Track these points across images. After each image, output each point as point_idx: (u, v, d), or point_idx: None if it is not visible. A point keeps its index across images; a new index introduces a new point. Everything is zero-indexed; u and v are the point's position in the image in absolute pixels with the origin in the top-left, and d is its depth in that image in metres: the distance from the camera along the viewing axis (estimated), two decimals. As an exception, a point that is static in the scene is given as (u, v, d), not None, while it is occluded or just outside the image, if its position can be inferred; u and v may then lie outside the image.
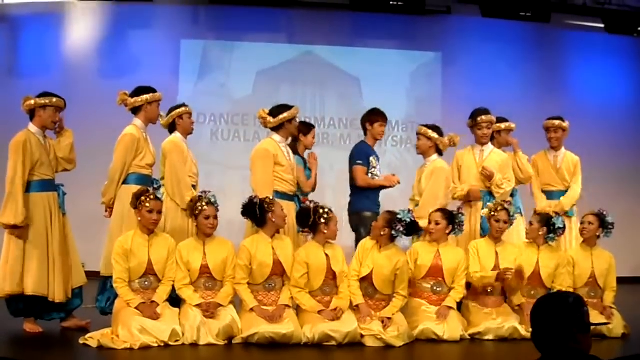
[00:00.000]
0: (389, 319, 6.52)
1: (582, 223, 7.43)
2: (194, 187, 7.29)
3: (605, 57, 12.83)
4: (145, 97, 7.04)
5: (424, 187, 7.55)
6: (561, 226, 7.22)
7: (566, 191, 8.26)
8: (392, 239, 6.82)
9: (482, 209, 7.50)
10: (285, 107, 7.33)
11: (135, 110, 7.08)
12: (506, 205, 7.16)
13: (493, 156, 7.81)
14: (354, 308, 6.65)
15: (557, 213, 7.50)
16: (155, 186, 6.96)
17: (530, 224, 7.30)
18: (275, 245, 6.71)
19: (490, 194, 7.65)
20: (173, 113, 7.40)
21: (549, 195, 8.32)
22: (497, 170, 7.67)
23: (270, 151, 7.13)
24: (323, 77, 12.33)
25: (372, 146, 8.00)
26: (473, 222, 7.60)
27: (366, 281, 6.76)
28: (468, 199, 7.72)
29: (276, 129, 7.30)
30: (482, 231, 7.51)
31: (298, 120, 7.54)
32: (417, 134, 7.81)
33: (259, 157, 7.17)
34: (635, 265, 11.69)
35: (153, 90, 7.11)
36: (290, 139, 7.61)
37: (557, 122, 8.33)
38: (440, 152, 7.68)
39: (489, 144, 7.90)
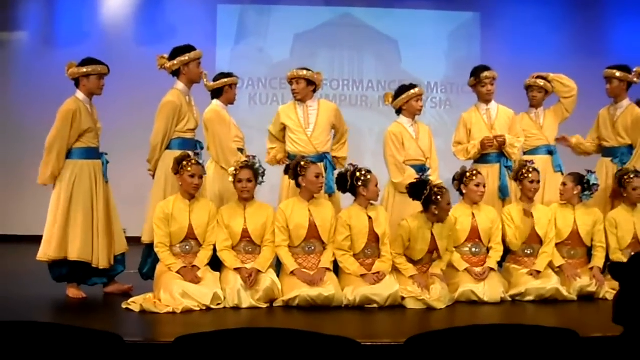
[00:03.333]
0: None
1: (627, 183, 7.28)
2: (241, 150, 7.38)
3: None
4: (182, 58, 6.93)
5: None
6: (595, 182, 7.12)
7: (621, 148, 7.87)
8: None
9: (499, 172, 7.47)
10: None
11: (176, 73, 7.00)
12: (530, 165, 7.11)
13: (501, 115, 7.70)
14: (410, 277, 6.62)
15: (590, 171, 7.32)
16: (198, 150, 6.93)
17: (564, 184, 7.19)
18: (312, 208, 6.71)
19: (503, 154, 7.55)
20: (222, 81, 7.50)
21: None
22: (507, 129, 7.60)
23: None
24: (361, 39, 12.23)
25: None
26: (491, 183, 7.47)
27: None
28: (483, 153, 7.60)
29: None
30: (501, 194, 7.47)
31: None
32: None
33: None
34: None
35: (190, 49, 6.99)
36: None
37: (610, 71, 7.91)
38: None
39: (493, 101, 7.77)
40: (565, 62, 11.22)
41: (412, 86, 7.46)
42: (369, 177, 6.74)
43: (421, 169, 7.26)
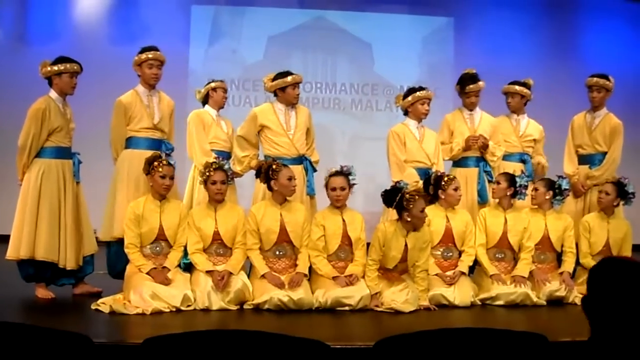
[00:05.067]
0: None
1: (599, 192, 7.36)
2: (226, 153, 7.41)
3: (621, 24, 12.66)
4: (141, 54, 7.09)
5: None
6: (567, 187, 7.17)
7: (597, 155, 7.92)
8: None
9: (479, 176, 7.51)
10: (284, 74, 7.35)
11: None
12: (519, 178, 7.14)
13: (484, 122, 7.71)
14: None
15: (561, 176, 7.37)
16: (167, 151, 6.93)
17: (536, 189, 7.21)
18: (284, 212, 6.70)
19: (482, 159, 7.58)
20: (208, 86, 7.62)
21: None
22: (489, 136, 7.61)
23: None
24: (334, 42, 12.27)
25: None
26: (469, 188, 7.53)
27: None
28: (462, 155, 7.64)
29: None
30: (480, 198, 7.50)
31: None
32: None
33: None
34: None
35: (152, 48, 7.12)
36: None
37: (594, 79, 7.92)
38: None
39: (477, 108, 7.81)
40: (538, 67, 11.34)
41: (421, 88, 7.48)
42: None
43: (425, 172, 7.28)
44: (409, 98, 7.43)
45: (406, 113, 7.55)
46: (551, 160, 8.09)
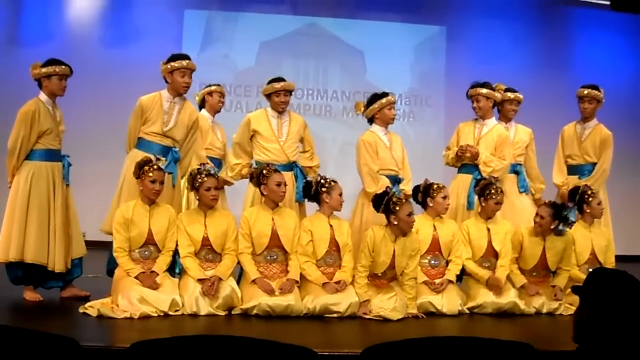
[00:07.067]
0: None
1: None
2: (218, 160, 7.62)
3: (611, 34, 12.74)
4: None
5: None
6: (574, 220, 7.05)
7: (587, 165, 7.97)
8: None
9: (470, 184, 7.49)
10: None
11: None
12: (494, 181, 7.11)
13: (491, 133, 7.67)
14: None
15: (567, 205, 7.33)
16: (159, 155, 6.90)
17: (541, 217, 7.00)
18: (276, 217, 6.71)
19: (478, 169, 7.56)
20: (204, 90, 7.81)
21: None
22: (493, 147, 7.58)
23: None
24: (326, 49, 12.29)
25: None
26: (462, 194, 7.55)
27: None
28: (461, 160, 7.66)
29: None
30: (469, 205, 7.49)
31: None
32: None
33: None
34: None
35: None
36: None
37: (585, 90, 7.95)
38: None
39: (492, 118, 7.78)
40: (529, 76, 11.38)
41: (385, 94, 7.46)
42: (333, 185, 6.75)
43: (395, 179, 7.29)
44: (375, 105, 7.40)
45: (371, 121, 7.53)
46: (541, 169, 8.09)
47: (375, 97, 7.46)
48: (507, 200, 7.30)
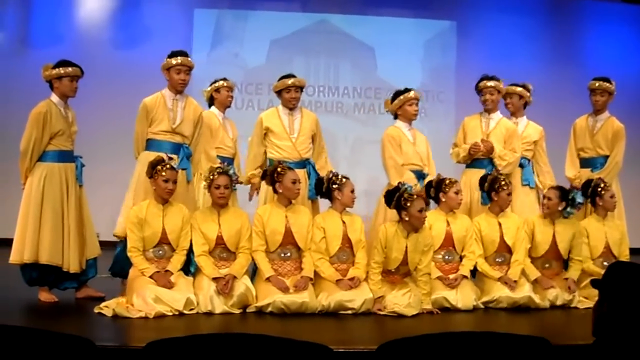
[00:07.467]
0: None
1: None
2: (230, 159, 7.58)
3: (622, 27, 12.66)
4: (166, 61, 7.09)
5: None
6: (581, 201, 7.10)
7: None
8: None
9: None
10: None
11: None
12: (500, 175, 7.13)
13: (499, 127, 7.68)
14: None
15: (575, 188, 7.35)
16: (170, 154, 6.90)
17: (549, 198, 7.08)
18: (289, 214, 6.71)
19: (492, 162, 7.57)
20: (211, 86, 7.80)
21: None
22: (503, 141, 7.59)
23: None
24: (337, 46, 12.27)
25: None
26: (475, 190, 7.53)
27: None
28: (475, 157, 7.64)
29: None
30: (483, 200, 7.48)
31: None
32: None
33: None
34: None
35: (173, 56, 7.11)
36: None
37: (596, 83, 7.94)
38: None
39: (498, 112, 7.78)
40: (540, 70, 11.34)
41: (407, 90, 7.51)
42: (344, 181, 6.75)
43: (419, 174, 7.30)
44: (397, 101, 7.49)
45: (396, 116, 7.59)
46: (552, 164, 8.07)
47: (397, 94, 7.55)
48: (513, 194, 7.30)
